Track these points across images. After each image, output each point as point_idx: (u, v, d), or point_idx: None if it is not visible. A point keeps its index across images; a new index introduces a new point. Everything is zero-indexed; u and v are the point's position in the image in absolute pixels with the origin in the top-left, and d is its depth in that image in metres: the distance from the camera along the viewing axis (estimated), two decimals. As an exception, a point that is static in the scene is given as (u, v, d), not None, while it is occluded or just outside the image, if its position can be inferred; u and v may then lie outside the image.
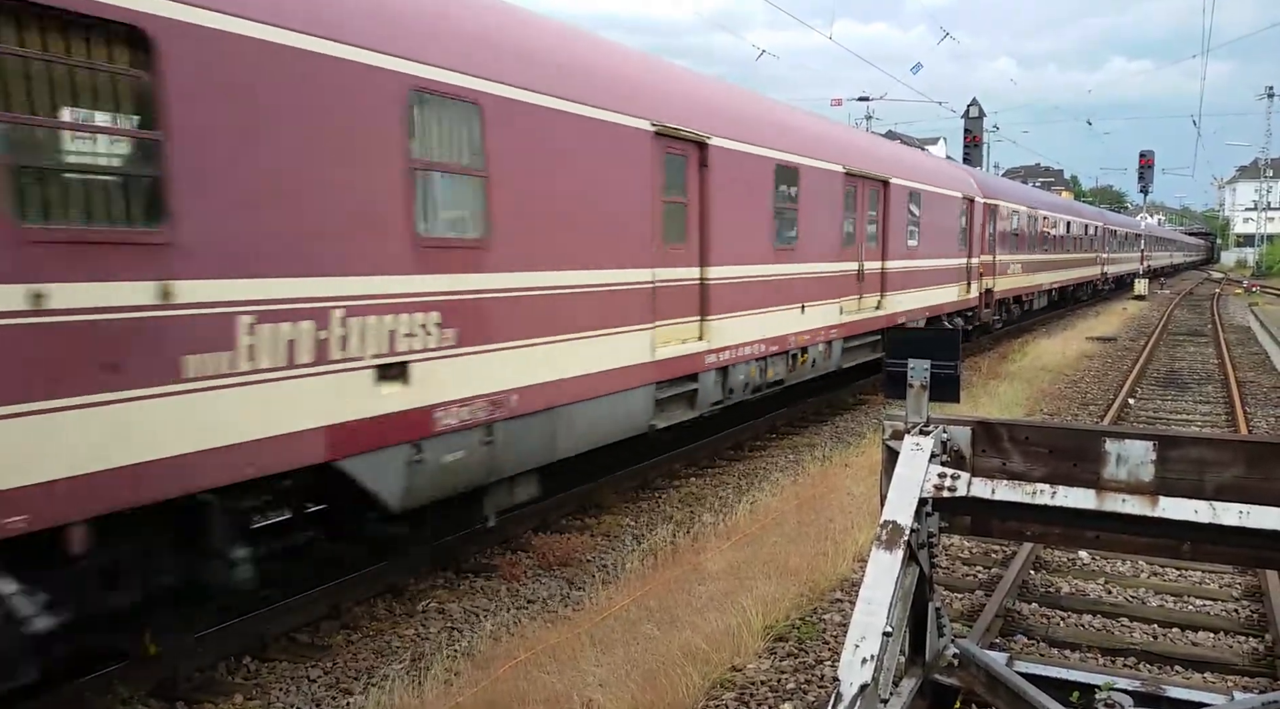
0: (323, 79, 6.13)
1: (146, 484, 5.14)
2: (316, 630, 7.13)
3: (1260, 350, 23.90)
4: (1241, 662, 6.03)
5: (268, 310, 5.78)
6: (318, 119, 6.11)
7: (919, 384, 4.48)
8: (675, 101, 10.33)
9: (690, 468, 12.21)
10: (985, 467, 4.40)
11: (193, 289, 5.37)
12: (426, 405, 6.92)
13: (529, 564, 8.58)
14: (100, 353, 4.93)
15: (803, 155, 13.18)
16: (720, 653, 5.79)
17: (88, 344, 4.88)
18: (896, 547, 3.93)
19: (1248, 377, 19.11)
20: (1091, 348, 24.03)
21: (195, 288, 5.38)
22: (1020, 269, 27.23)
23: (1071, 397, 16.52)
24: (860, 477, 9.85)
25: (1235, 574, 7.60)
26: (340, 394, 6.24)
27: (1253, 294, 49.03)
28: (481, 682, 5.73)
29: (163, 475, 5.21)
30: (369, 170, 6.47)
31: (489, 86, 7.45)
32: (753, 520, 9.01)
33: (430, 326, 6.95)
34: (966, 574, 7.66)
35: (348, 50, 6.29)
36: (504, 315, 7.65)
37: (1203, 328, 31.12)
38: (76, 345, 4.83)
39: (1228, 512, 3.88)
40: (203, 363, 5.42)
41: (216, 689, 6.26)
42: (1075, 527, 4.30)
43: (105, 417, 4.94)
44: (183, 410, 5.30)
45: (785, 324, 12.62)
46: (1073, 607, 6.95)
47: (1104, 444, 4.15)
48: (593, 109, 8.75)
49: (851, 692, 3.47)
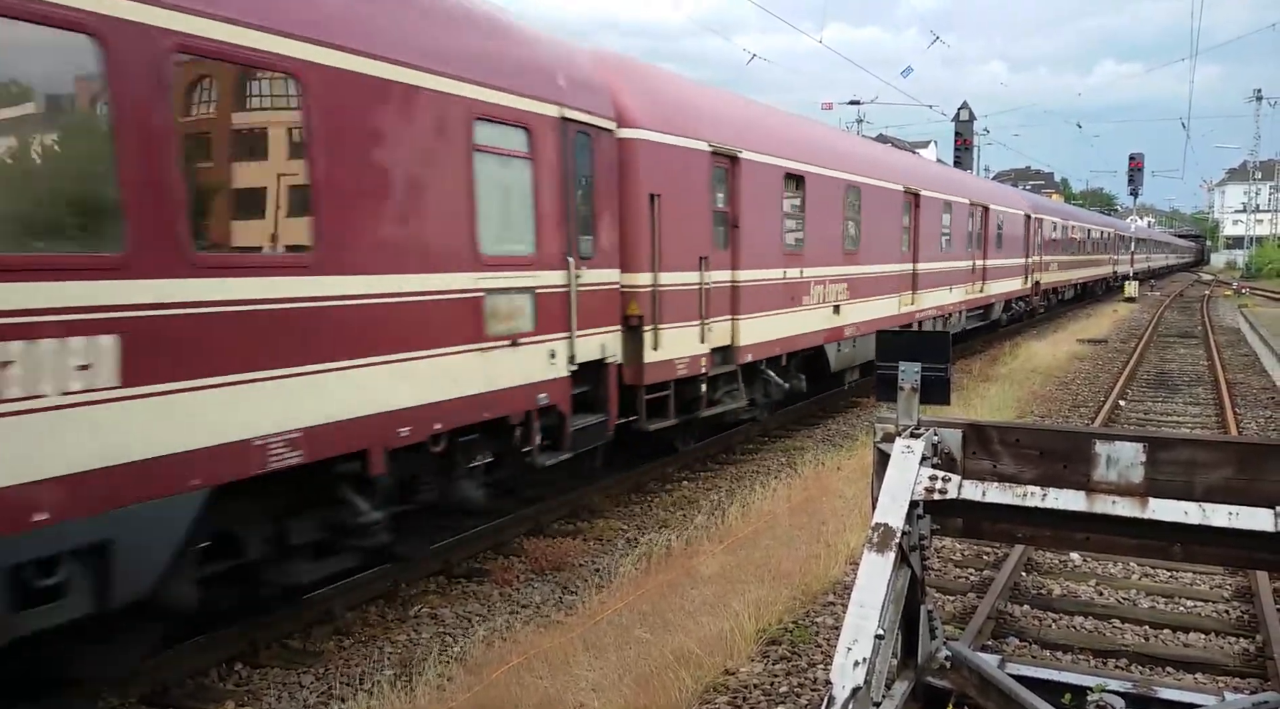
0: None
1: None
2: (309, 636, 7.11)
3: (1250, 352, 24.01)
4: (1232, 662, 6.05)
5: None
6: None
7: (910, 387, 4.49)
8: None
9: (682, 471, 12.21)
10: (976, 469, 4.41)
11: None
12: (842, 325, 15.36)
13: (521, 568, 8.57)
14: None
15: (951, 195, 21.86)
16: (713, 657, 5.78)
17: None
18: (888, 549, 3.93)
19: (1237, 378, 19.19)
20: (1082, 350, 24.11)
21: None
22: (1057, 267, 35.77)
23: (1062, 399, 16.57)
24: (852, 479, 9.86)
25: (1225, 575, 7.63)
26: (824, 319, 14.88)
27: (1242, 296, 49.25)
28: (474, 687, 5.72)
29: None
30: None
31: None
32: (745, 524, 9.02)
33: (842, 292, 15.42)
34: (958, 576, 7.68)
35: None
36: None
37: (1193, 329, 31.25)
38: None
39: (1217, 513, 3.90)
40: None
41: (208, 695, 6.23)
42: (1066, 528, 4.32)
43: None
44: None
45: (946, 298, 21.50)
46: (1064, 608, 6.97)
47: (1094, 446, 4.17)
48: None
49: (844, 695, 3.47)
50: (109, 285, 4.99)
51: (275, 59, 5.93)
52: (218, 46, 5.58)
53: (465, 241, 7.53)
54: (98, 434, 4.89)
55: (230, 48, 5.67)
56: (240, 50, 5.73)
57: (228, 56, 5.68)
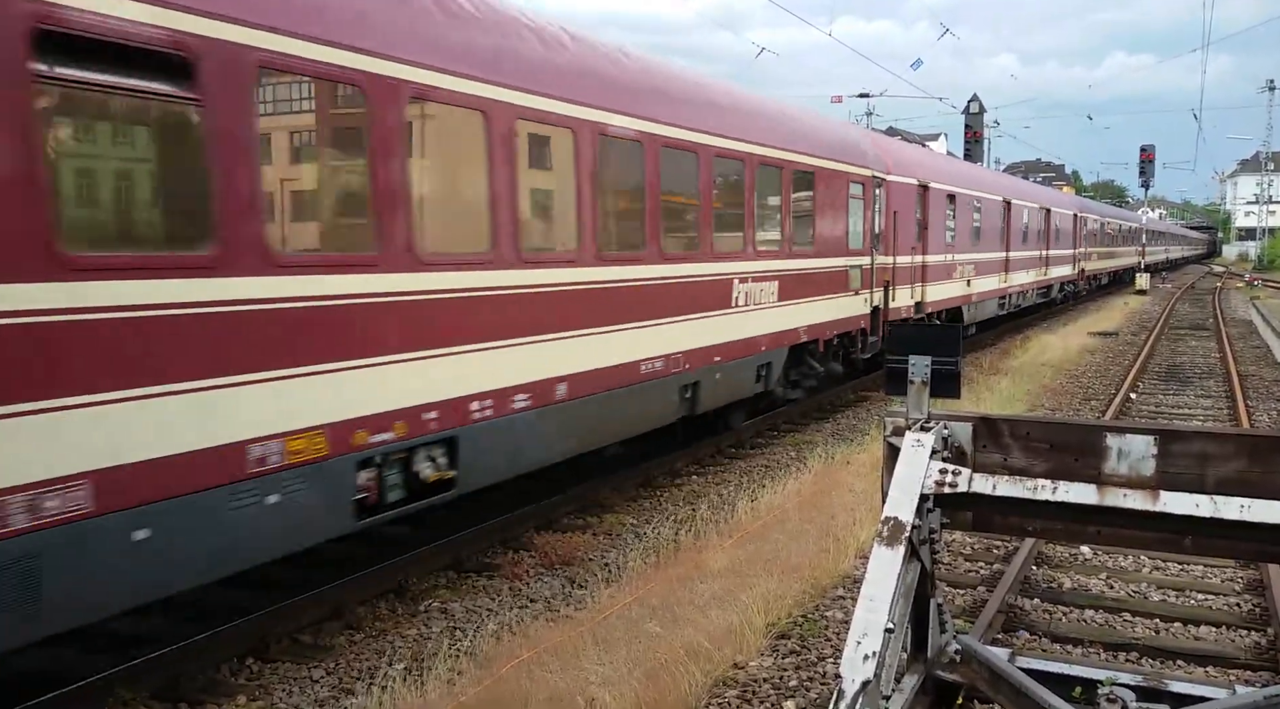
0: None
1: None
2: (319, 631, 7.13)
3: (1262, 344, 23.88)
4: (1244, 655, 6.03)
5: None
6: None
7: (920, 380, 4.47)
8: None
9: (692, 466, 12.21)
10: (986, 462, 4.40)
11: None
12: (971, 293, 23.20)
13: (531, 563, 8.59)
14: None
15: (1027, 201, 30.19)
16: (723, 650, 5.79)
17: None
18: (898, 543, 3.92)
19: (1249, 370, 19.10)
20: (1093, 343, 24.01)
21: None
22: (1096, 257, 44.22)
23: (1073, 392, 16.51)
24: (862, 473, 9.85)
25: (1237, 568, 7.60)
26: (962, 289, 22.41)
27: (1254, 288, 48.98)
28: (484, 681, 5.73)
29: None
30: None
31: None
32: (754, 518, 9.01)
33: (970, 272, 23.02)
34: (968, 570, 7.66)
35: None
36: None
37: (1204, 322, 31.11)
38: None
39: (1229, 506, 3.88)
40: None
41: (219, 690, 6.26)
42: (1077, 522, 4.29)
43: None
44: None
45: (1025, 279, 29.27)
46: (1075, 602, 6.95)
47: (1105, 439, 4.15)
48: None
49: (854, 688, 3.47)
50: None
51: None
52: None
53: (842, 241, 15.17)
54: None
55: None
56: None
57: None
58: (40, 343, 4.67)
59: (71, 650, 6.68)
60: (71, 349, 4.81)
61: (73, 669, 6.13)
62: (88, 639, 6.83)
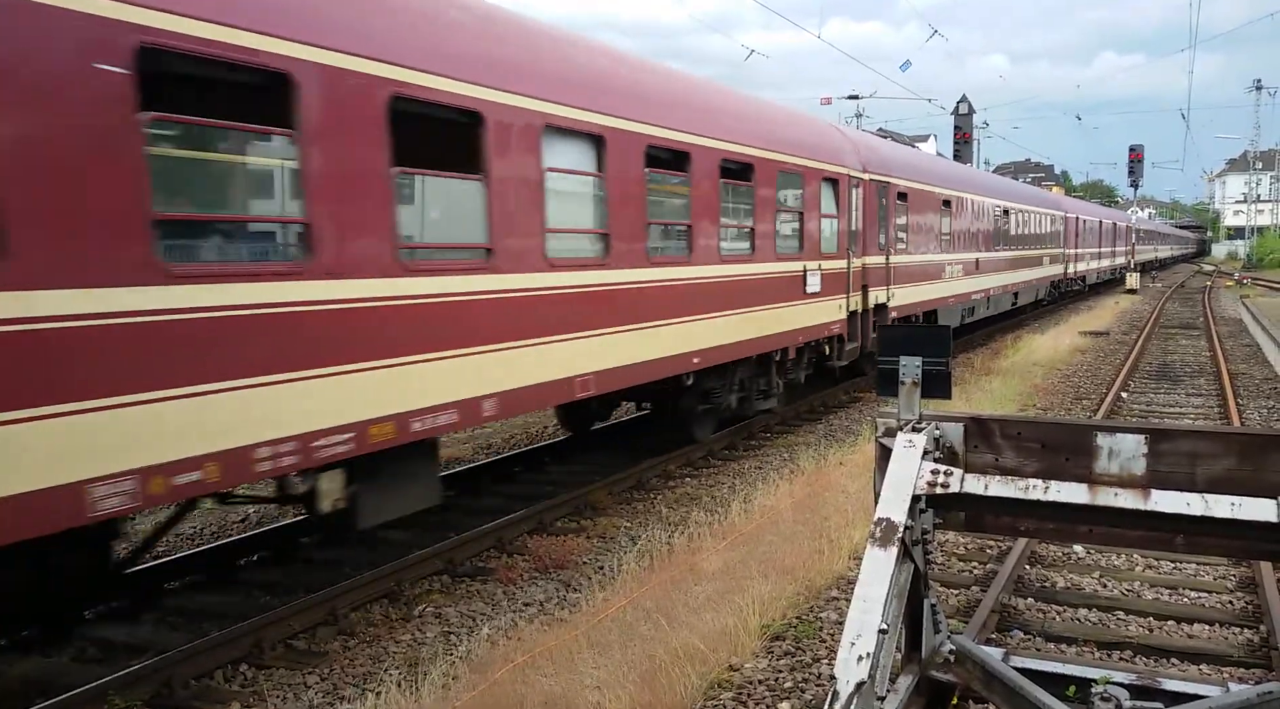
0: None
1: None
2: (313, 637, 7.12)
3: (1252, 342, 23.98)
4: (1237, 653, 6.05)
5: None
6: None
7: (911, 381, 4.49)
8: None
9: (685, 468, 12.21)
10: (978, 462, 4.41)
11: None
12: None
13: (525, 567, 8.58)
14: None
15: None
16: (718, 653, 5.79)
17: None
18: (891, 544, 3.93)
19: (1240, 368, 19.18)
20: (1084, 342, 24.08)
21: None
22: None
23: (1064, 391, 16.56)
24: (855, 474, 9.86)
25: (1229, 566, 7.63)
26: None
27: (1244, 287, 49.18)
28: (479, 685, 5.72)
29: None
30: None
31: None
32: (748, 520, 9.02)
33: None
34: (961, 570, 7.68)
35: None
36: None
37: (1195, 321, 31.23)
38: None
39: (1220, 504, 3.89)
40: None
41: (213, 697, 6.24)
42: (1068, 521, 4.31)
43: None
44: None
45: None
46: (1068, 601, 6.97)
47: (1096, 438, 4.16)
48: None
49: (848, 689, 3.47)
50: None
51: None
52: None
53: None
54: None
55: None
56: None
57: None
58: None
59: (65, 657, 6.67)
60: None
61: (67, 676, 6.12)
62: (82, 646, 6.81)
